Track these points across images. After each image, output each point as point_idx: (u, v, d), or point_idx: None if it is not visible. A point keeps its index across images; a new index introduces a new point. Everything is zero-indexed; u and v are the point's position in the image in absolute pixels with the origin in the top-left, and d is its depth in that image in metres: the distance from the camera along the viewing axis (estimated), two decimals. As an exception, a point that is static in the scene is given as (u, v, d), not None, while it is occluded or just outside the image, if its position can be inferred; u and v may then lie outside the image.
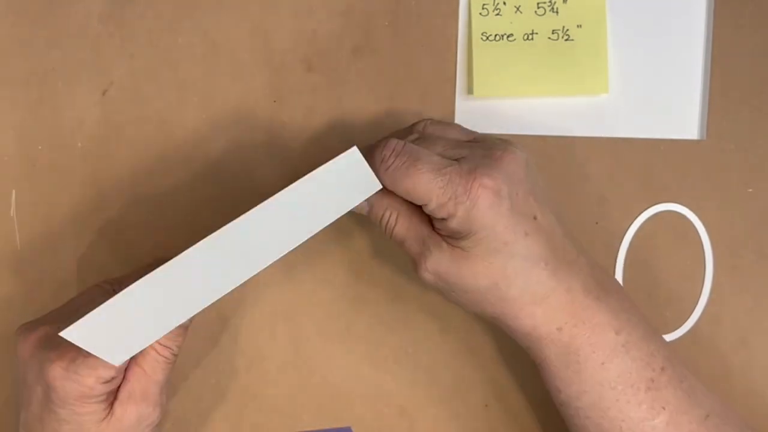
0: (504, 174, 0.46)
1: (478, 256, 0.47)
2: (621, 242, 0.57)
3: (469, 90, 0.56)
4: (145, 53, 0.57)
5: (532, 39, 0.56)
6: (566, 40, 0.56)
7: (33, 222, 0.57)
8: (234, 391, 0.58)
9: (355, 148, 0.46)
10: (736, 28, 0.56)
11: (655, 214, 0.57)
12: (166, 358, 0.49)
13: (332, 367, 0.58)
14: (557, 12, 0.56)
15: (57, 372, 0.46)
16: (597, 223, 0.57)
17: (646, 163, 0.57)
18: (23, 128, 0.57)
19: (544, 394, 0.57)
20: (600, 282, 0.48)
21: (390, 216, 0.49)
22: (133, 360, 0.49)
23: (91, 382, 0.46)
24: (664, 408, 0.47)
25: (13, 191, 0.57)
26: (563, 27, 0.56)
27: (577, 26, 0.56)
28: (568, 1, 0.56)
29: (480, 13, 0.56)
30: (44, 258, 0.57)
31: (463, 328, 0.57)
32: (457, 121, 0.57)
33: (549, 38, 0.56)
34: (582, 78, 0.56)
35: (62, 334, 0.44)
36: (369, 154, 0.47)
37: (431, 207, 0.46)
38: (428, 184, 0.46)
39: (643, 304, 0.57)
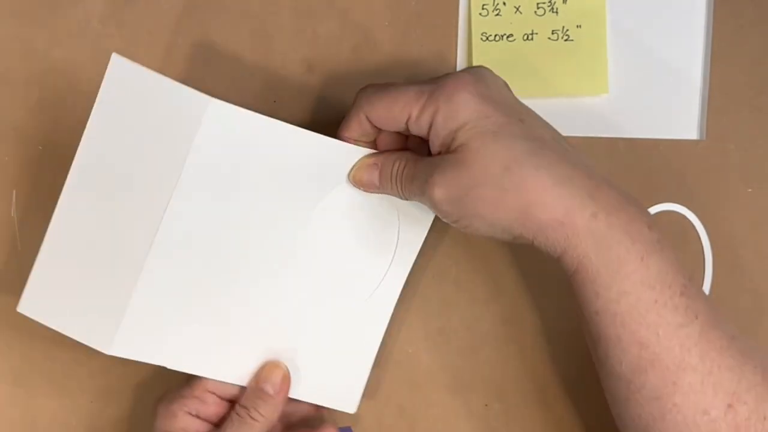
0: (474, 74, 0.47)
1: (481, 144, 0.45)
2: (621, 242, 0.57)
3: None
4: (145, 53, 0.57)
5: (532, 39, 0.56)
6: (566, 40, 0.56)
7: (33, 222, 0.57)
8: (234, 391, 0.58)
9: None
10: (736, 28, 0.56)
11: (655, 214, 0.57)
12: (239, 417, 0.51)
13: (332, 367, 0.58)
14: (557, 12, 0.56)
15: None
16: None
17: (645, 163, 0.57)
18: (23, 128, 0.57)
19: (543, 394, 0.57)
20: (618, 186, 0.46)
21: (398, 163, 0.50)
22: None
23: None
24: (696, 317, 0.45)
25: (14, 191, 0.57)
26: (563, 27, 0.56)
27: (577, 26, 0.56)
28: (567, 2, 0.56)
29: (480, 14, 0.56)
30: (44, 258, 0.57)
31: (463, 328, 0.57)
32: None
33: (549, 38, 0.56)
34: (582, 78, 0.56)
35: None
36: (348, 114, 0.50)
37: (414, 117, 0.47)
38: (404, 96, 0.47)
39: (642, 304, 0.57)
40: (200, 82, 0.57)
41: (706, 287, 0.57)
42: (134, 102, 0.48)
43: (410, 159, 0.49)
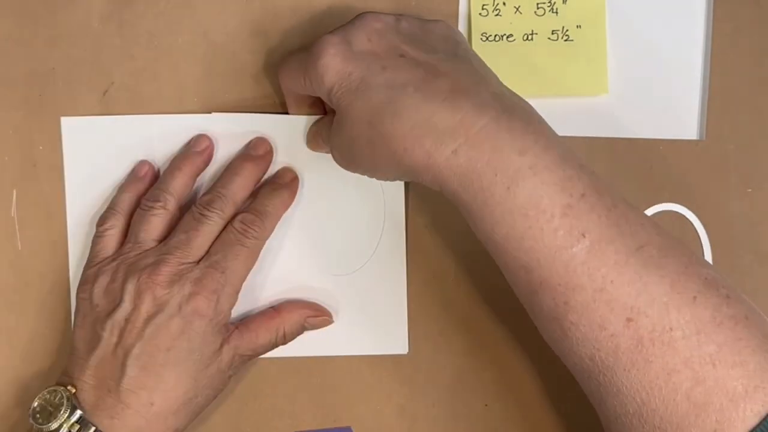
0: (347, 29, 0.49)
1: (347, 106, 0.47)
2: (621, 242, 0.57)
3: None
4: (145, 53, 0.57)
5: (532, 39, 0.56)
6: (566, 40, 0.56)
7: (34, 222, 0.57)
8: (234, 391, 0.58)
9: None
10: (736, 28, 0.56)
11: (655, 214, 0.57)
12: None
13: (332, 367, 0.58)
14: (557, 12, 0.56)
15: None
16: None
17: (645, 163, 0.57)
18: (24, 128, 0.57)
19: (543, 394, 0.57)
20: (505, 105, 0.45)
21: (319, 126, 0.55)
22: None
23: None
24: (584, 235, 0.43)
25: (14, 191, 0.57)
26: (563, 27, 0.56)
27: (577, 27, 0.56)
28: (567, 2, 0.56)
29: (480, 14, 0.56)
30: (44, 258, 0.57)
31: (463, 328, 0.57)
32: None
33: (548, 39, 0.56)
34: (581, 78, 0.56)
35: None
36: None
37: (300, 85, 0.51)
38: (290, 65, 0.52)
39: (642, 304, 0.57)
40: (200, 82, 0.57)
41: (706, 287, 0.57)
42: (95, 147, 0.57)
43: (325, 124, 0.53)
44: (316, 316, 0.56)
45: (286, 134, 0.56)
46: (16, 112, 0.57)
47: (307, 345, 0.57)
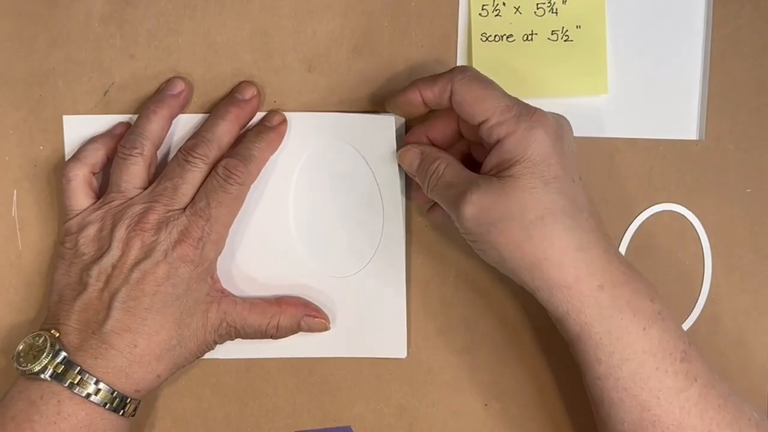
0: (561, 124, 0.49)
1: (530, 185, 0.47)
2: (620, 242, 0.57)
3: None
4: (145, 53, 0.57)
5: (532, 40, 0.56)
6: (566, 40, 0.56)
7: (34, 222, 0.57)
8: (234, 391, 0.58)
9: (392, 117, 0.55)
10: (735, 28, 0.56)
11: (654, 214, 0.57)
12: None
13: (332, 367, 0.58)
14: (556, 13, 0.56)
15: None
16: (596, 223, 0.57)
17: (645, 163, 0.57)
18: (24, 128, 0.57)
19: (543, 394, 0.57)
20: (627, 259, 0.49)
21: (440, 164, 0.51)
22: None
23: None
24: (696, 380, 0.48)
25: (15, 191, 0.57)
26: (562, 28, 0.56)
27: (577, 27, 0.56)
28: (567, 2, 0.56)
29: (480, 14, 0.56)
30: (45, 258, 0.57)
31: (463, 328, 0.57)
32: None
33: (548, 39, 0.56)
34: (581, 78, 0.56)
35: None
36: (440, 75, 0.51)
37: (492, 122, 0.49)
38: (497, 100, 0.49)
39: (642, 303, 0.57)
40: (201, 82, 0.57)
41: (706, 288, 0.57)
42: None
43: (452, 164, 0.51)
44: (314, 316, 0.56)
45: (286, 132, 0.56)
46: (16, 112, 0.57)
47: (308, 346, 0.57)
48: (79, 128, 0.56)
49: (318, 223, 0.57)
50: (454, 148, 0.54)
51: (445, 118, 0.54)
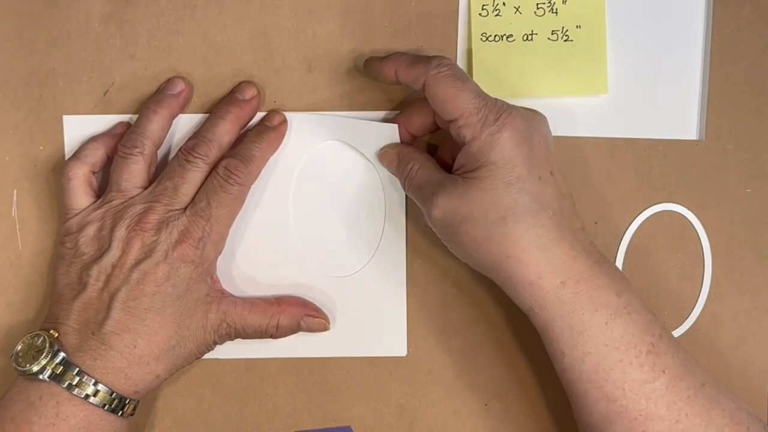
0: (532, 122, 0.50)
1: (491, 187, 0.48)
2: (620, 242, 0.57)
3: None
4: (145, 53, 0.57)
5: (532, 39, 0.56)
6: (566, 40, 0.56)
7: (34, 222, 0.57)
8: (234, 391, 0.58)
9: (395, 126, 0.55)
10: (735, 28, 0.56)
11: (654, 214, 0.57)
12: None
13: (332, 367, 0.58)
14: (557, 13, 0.56)
15: None
16: (596, 223, 0.57)
17: (645, 163, 0.57)
18: (24, 128, 0.57)
19: (543, 394, 0.57)
20: (600, 253, 0.50)
21: (414, 165, 0.53)
22: None
23: None
24: (663, 371, 0.48)
25: (15, 191, 0.57)
26: (563, 27, 0.56)
27: (577, 27, 0.56)
28: (567, 2, 0.56)
29: (480, 14, 0.56)
30: (45, 258, 0.57)
31: (463, 328, 0.57)
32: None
33: (548, 39, 0.56)
34: (581, 78, 0.56)
35: None
36: (419, 60, 0.51)
37: (460, 123, 0.50)
38: (466, 101, 0.49)
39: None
40: (201, 82, 0.57)
41: (706, 287, 0.57)
42: None
43: (425, 166, 0.53)
44: (313, 316, 0.56)
45: (286, 133, 0.57)
46: (16, 112, 0.57)
47: (307, 345, 0.57)
48: (79, 128, 0.56)
49: (318, 223, 0.57)
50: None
51: (422, 107, 0.54)
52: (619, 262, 0.57)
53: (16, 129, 0.57)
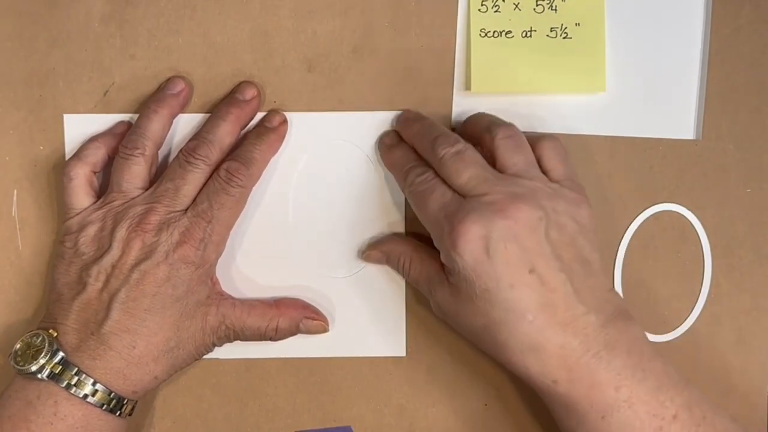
0: (495, 224, 0.48)
1: (466, 297, 0.49)
2: (620, 242, 0.57)
3: (467, 86, 0.57)
4: (145, 54, 0.57)
5: (531, 36, 0.56)
6: (564, 38, 0.56)
7: (34, 222, 0.57)
8: (234, 391, 0.58)
9: None
10: (735, 28, 0.57)
11: (654, 214, 0.57)
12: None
13: (332, 367, 0.58)
14: (556, 10, 0.56)
15: None
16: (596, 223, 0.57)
17: (645, 163, 0.57)
18: (24, 128, 0.57)
19: (543, 394, 0.57)
20: (608, 340, 0.48)
21: (404, 261, 0.54)
22: None
23: None
24: None
25: (15, 191, 0.57)
26: (562, 25, 0.56)
27: (576, 24, 0.56)
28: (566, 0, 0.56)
29: (479, 10, 0.56)
30: (45, 258, 0.57)
31: (462, 327, 0.57)
32: (453, 117, 0.57)
33: (547, 36, 0.56)
34: (579, 76, 0.56)
35: None
36: (399, 174, 0.54)
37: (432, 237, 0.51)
38: (428, 218, 0.51)
39: (642, 303, 0.57)
40: (201, 83, 0.57)
41: (706, 287, 0.57)
42: None
43: (414, 259, 0.54)
44: (312, 318, 0.56)
45: (286, 133, 0.57)
46: (16, 112, 0.57)
47: (307, 346, 0.57)
48: (80, 127, 0.57)
49: (318, 223, 0.57)
50: None
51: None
52: (619, 262, 0.57)
53: (16, 129, 0.57)
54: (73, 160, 0.55)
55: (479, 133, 0.53)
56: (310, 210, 0.57)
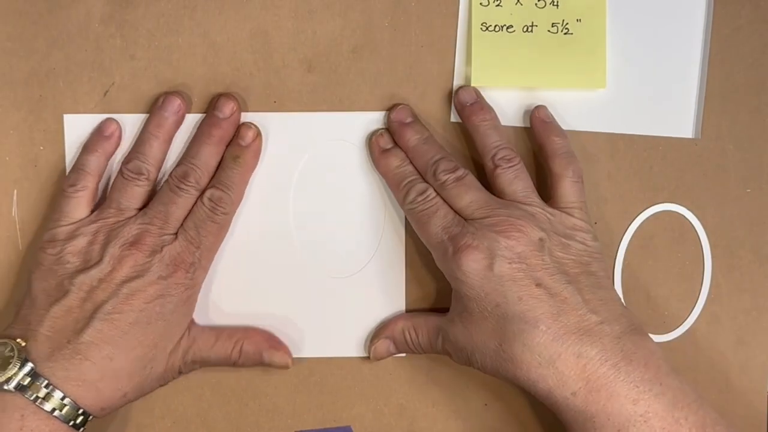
0: (498, 243, 0.50)
1: (479, 319, 0.50)
2: (620, 242, 0.57)
3: (467, 80, 0.56)
4: (145, 54, 0.57)
5: (532, 31, 0.56)
6: (565, 33, 0.56)
7: (34, 222, 0.57)
8: (234, 391, 0.58)
9: None
10: (735, 28, 0.57)
11: (654, 214, 0.57)
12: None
13: (332, 367, 0.58)
14: (557, 5, 0.56)
15: None
16: (596, 223, 0.57)
17: (645, 163, 0.57)
18: (24, 128, 0.57)
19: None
20: (625, 351, 0.48)
21: (409, 332, 0.56)
22: None
23: None
24: None
25: (15, 191, 0.57)
26: (563, 20, 0.56)
27: (577, 20, 0.56)
28: (568, -4, 0.56)
29: (481, 4, 0.56)
30: (45, 257, 0.57)
31: (462, 327, 0.57)
32: (452, 114, 0.57)
33: (548, 31, 0.56)
34: (580, 72, 0.56)
35: None
36: (398, 191, 0.55)
37: (434, 256, 0.53)
38: (430, 238, 0.53)
39: (642, 303, 0.57)
40: (200, 82, 0.57)
41: (705, 287, 0.57)
42: None
43: (416, 324, 0.55)
44: (276, 348, 0.56)
45: (286, 133, 0.57)
46: (16, 112, 0.57)
47: (308, 346, 0.57)
48: (80, 127, 0.57)
49: (318, 223, 0.57)
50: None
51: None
52: (618, 263, 0.57)
53: (16, 129, 0.57)
54: (81, 172, 0.55)
55: (478, 152, 0.55)
56: (310, 210, 0.57)
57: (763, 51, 0.57)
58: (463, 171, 0.53)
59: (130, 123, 0.57)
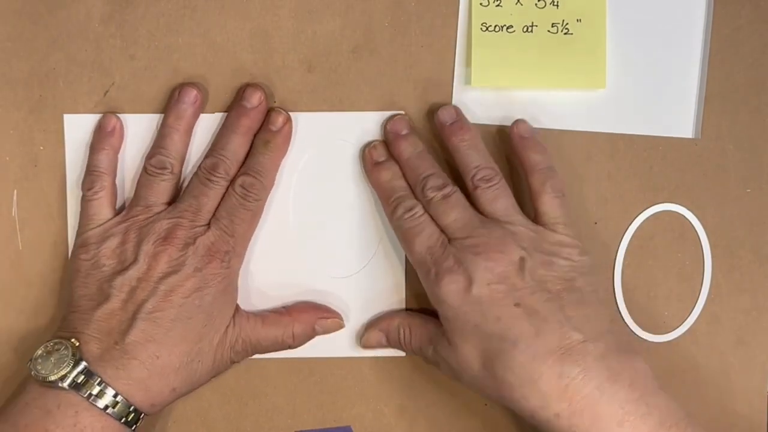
0: (477, 265, 0.50)
1: (460, 341, 0.50)
2: (620, 242, 0.57)
3: (467, 80, 0.56)
4: (145, 54, 0.57)
5: (532, 31, 0.56)
6: (565, 33, 0.56)
7: (34, 222, 0.57)
8: (234, 391, 0.58)
9: None
10: (735, 28, 0.57)
11: (654, 214, 0.57)
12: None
13: (332, 367, 0.58)
14: (557, 5, 0.56)
15: None
16: (596, 223, 0.57)
17: (645, 163, 0.57)
18: (24, 128, 0.57)
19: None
20: (611, 371, 0.48)
21: (404, 330, 0.55)
22: None
23: None
24: None
25: (15, 191, 0.57)
26: (563, 21, 0.56)
27: (577, 21, 0.56)
28: (568, -4, 0.56)
29: (481, 4, 0.56)
30: (45, 258, 0.57)
31: (462, 327, 0.57)
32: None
33: (548, 31, 0.56)
34: (580, 72, 0.56)
35: None
36: (387, 205, 0.55)
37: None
38: (414, 256, 0.53)
39: (642, 304, 0.57)
40: (201, 82, 0.57)
41: (705, 287, 0.57)
42: None
43: (412, 325, 0.55)
44: (326, 317, 0.56)
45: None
46: (16, 112, 0.57)
47: (307, 345, 0.57)
48: (80, 127, 0.57)
49: (318, 223, 0.57)
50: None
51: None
52: (618, 263, 0.57)
53: (16, 129, 0.57)
54: (95, 173, 0.55)
55: (460, 172, 0.55)
56: (311, 210, 0.57)
57: (763, 51, 0.57)
58: (450, 188, 0.53)
59: (131, 123, 0.57)
